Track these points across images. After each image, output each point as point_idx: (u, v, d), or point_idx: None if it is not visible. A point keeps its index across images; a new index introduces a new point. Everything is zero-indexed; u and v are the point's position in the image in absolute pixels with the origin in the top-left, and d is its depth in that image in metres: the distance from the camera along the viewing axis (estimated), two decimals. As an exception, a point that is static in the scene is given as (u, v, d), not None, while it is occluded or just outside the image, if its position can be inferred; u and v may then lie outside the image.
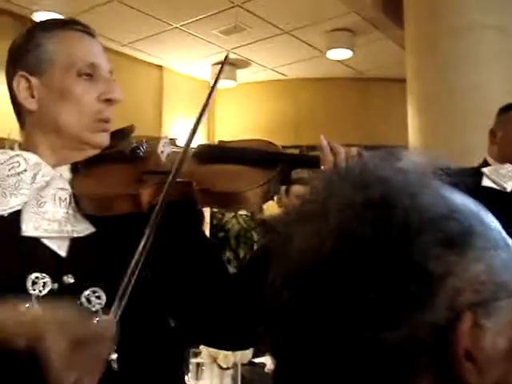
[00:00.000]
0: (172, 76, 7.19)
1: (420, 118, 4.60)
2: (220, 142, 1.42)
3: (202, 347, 2.51)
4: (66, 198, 1.23)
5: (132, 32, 6.16)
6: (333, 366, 0.52)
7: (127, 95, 1.33)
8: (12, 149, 1.30)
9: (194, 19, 5.82)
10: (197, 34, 6.13)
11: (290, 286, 0.54)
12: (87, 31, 1.34)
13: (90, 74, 1.28)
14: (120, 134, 1.37)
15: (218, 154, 1.33)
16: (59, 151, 1.29)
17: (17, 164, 1.24)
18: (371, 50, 6.43)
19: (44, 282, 1.15)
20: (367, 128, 7.09)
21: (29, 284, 1.14)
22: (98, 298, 1.17)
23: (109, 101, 1.30)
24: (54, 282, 1.16)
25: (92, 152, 1.30)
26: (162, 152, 1.30)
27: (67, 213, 1.22)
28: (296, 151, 7.51)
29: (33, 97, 1.28)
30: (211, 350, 2.46)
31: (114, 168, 1.31)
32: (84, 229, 1.22)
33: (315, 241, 0.53)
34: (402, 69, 5.21)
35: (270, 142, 1.36)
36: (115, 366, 1.14)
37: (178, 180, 1.20)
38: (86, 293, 1.16)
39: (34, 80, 1.28)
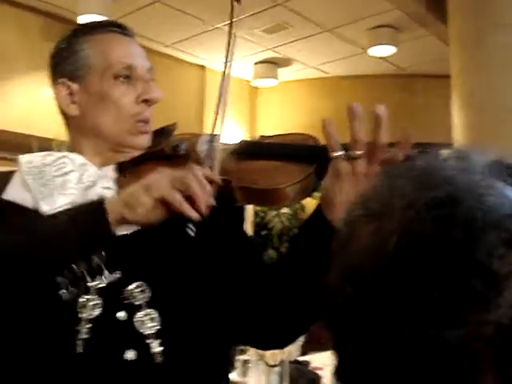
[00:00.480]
0: (214, 76, 7.22)
1: (465, 114, 4.55)
2: (261, 136, 1.41)
3: (248, 344, 2.51)
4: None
5: (175, 33, 6.21)
6: (396, 362, 0.53)
7: (170, 95, 1.35)
8: (59, 150, 1.33)
9: (236, 19, 5.83)
10: (238, 33, 6.14)
11: (354, 283, 0.55)
12: (124, 32, 1.35)
13: (127, 75, 1.29)
14: (163, 133, 1.38)
15: (256, 150, 1.32)
16: (103, 153, 1.31)
17: (63, 165, 1.27)
18: (414, 46, 6.36)
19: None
20: (410, 125, 7.01)
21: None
22: (143, 292, 1.19)
23: (147, 101, 1.30)
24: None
25: (134, 153, 1.32)
26: (203, 149, 1.30)
27: None
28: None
29: (74, 103, 1.30)
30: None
31: (156, 167, 1.30)
32: (129, 227, 1.23)
33: (379, 239, 0.54)
34: (444, 64, 5.15)
35: (311, 136, 1.33)
36: (160, 359, 1.17)
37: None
38: (130, 287, 1.19)
39: (73, 86, 1.30)
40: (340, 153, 1.16)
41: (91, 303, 1.16)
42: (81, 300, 1.15)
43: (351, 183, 1.14)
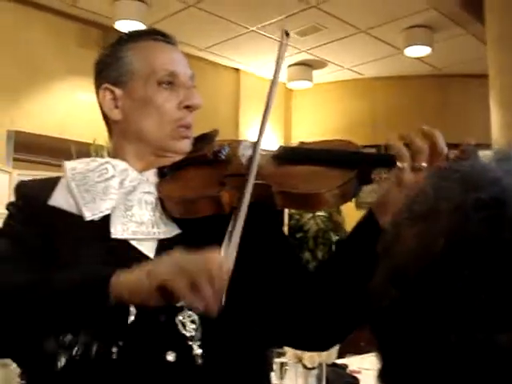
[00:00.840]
0: (248, 78, 7.25)
1: (504, 113, 4.48)
2: (301, 143, 1.42)
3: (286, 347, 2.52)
4: (152, 202, 1.28)
5: (209, 37, 6.25)
6: (443, 367, 0.52)
7: (205, 98, 1.36)
8: (97, 153, 1.35)
9: (270, 22, 5.86)
10: (272, 36, 6.16)
11: (399, 286, 0.55)
12: (167, 40, 1.38)
13: (170, 82, 1.32)
14: (204, 139, 1.40)
15: (297, 155, 1.32)
16: (145, 158, 1.33)
17: (105, 171, 1.29)
18: (450, 46, 6.29)
19: None
20: (446, 125, 6.91)
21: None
22: None
23: (189, 107, 1.33)
24: None
25: (176, 158, 1.34)
26: (243, 155, 1.32)
27: (154, 215, 1.27)
28: (373, 150, 7.44)
29: (117, 107, 1.33)
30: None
31: (198, 171, 1.33)
32: (170, 231, 1.26)
33: (425, 241, 0.54)
34: (482, 64, 5.08)
35: (350, 142, 1.33)
36: (200, 361, 1.17)
37: (257, 182, 1.21)
38: None
39: (117, 91, 1.33)
40: (406, 164, 1.17)
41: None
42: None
43: (409, 190, 1.15)
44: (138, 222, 1.25)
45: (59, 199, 1.28)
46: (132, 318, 1.17)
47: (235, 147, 1.35)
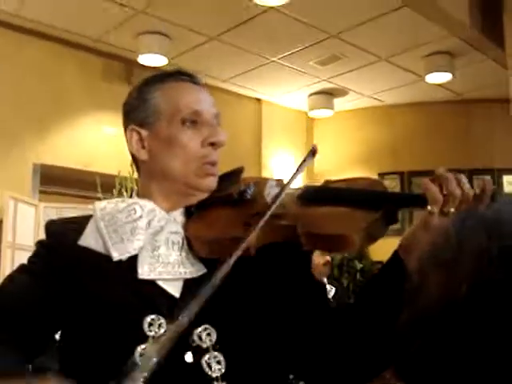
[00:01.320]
0: (270, 108, 7.30)
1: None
2: (326, 181, 1.40)
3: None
4: (178, 241, 1.28)
5: (231, 68, 6.32)
6: None
7: (228, 128, 1.37)
8: (121, 185, 1.36)
9: (290, 52, 5.91)
10: (293, 66, 6.21)
11: (425, 332, 0.54)
12: (193, 80, 1.39)
13: (194, 120, 1.33)
14: (230, 176, 1.41)
15: (322, 195, 1.31)
16: (171, 197, 1.34)
17: (133, 211, 1.30)
18: (471, 71, 6.28)
19: (159, 324, 1.20)
20: (469, 151, 6.89)
21: (145, 326, 1.19)
22: (209, 335, 1.20)
23: (213, 144, 1.33)
24: (168, 322, 1.20)
25: (202, 196, 1.35)
26: (269, 194, 1.31)
27: (180, 255, 1.27)
28: (395, 177, 7.41)
29: (144, 147, 1.35)
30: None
31: (223, 211, 1.33)
32: (196, 270, 1.26)
33: (449, 287, 0.54)
34: (504, 88, 5.06)
35: (376, 181, 1.34)
36: None
37: (283, 224, 1.20)
38: (198, 330, 1.20)
39: (143, 132, 1.35)
40: (436, 208, 1.16)
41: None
42: (139, 349, 1.17)
43: (434, 235, 1.15)
44: (165, 262, 1.26)
45: (89, 239, 1.29)
46: (154, 359, 1.17)
47: (260, 186, 1.35)
